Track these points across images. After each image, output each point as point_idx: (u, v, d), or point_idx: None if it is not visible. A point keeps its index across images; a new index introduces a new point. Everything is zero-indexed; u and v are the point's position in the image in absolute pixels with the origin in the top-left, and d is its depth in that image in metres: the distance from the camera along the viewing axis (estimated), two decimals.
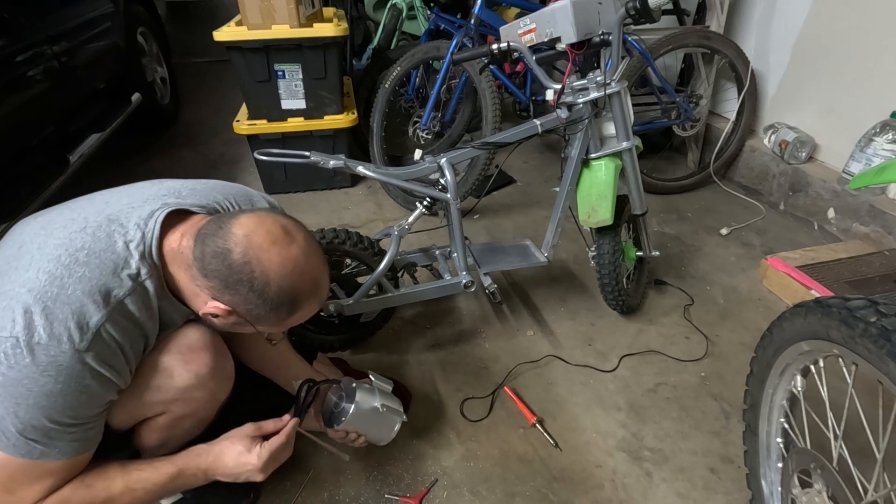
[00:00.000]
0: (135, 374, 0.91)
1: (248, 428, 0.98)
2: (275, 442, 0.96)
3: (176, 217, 0.88)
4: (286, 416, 1.02)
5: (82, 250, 0.80)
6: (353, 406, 1.10)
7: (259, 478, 0.95)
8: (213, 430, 1.07)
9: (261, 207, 1.02)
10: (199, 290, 0.85)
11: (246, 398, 1.14)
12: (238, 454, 0.94)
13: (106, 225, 0.84)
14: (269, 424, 1.00)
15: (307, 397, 1.09)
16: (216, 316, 0.86)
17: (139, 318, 0.83)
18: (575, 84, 1.40)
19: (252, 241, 0.81)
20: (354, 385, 1.14)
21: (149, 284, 0.84)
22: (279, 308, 0.84)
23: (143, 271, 0.83)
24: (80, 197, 0.93)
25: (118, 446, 1.01)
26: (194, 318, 0.99)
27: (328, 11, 2.60)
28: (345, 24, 2.20)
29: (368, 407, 1.12)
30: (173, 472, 0.91)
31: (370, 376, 1.21)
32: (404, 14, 2.99)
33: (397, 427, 1.18)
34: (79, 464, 0.84)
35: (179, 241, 0.86)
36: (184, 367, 0.93)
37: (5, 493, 0.80)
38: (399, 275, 1.57)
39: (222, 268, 0.80)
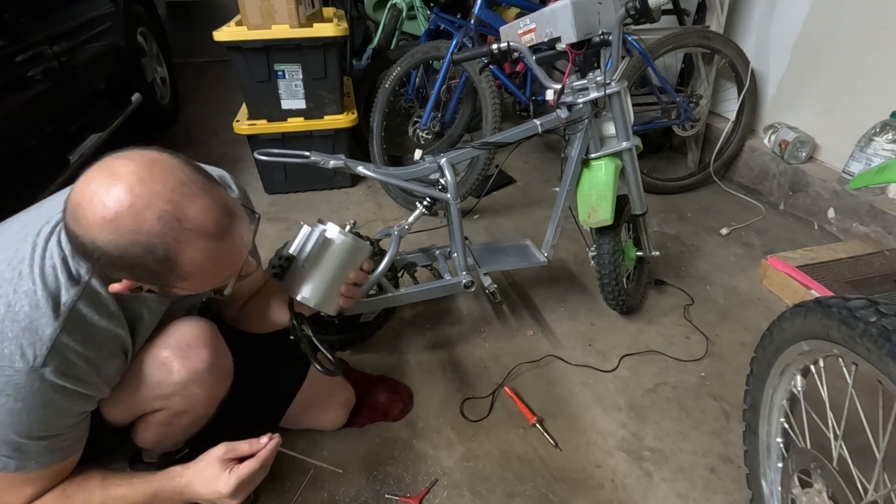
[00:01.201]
0: (132, 369, 0.90)
1: (220, 450, 0.88)
2: (245, 469, 0.86)
3: None
4: (263, 438, 0.90)
5: (23, 262, 0.75)
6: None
7: (232, 502, 0.87)
8: (211, 426, 1.08)
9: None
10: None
11: (244, 397, 1.13)
12: (207, 481, 0.86)
13: (46, 231, 0.78)
14: (243, 446, 0.89)
15: (301, 330, 1.00)
16: (136, 290, 0.76)
17: (97, 320, 0.79)
18: (575, 84, 1.40)
19: (72, 197, 0.69)
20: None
21: (95, 283, 0.78)
22: (143, 265, 0.70)
23: (83, 270, 0.78)
24: (41, 202, 0.88)
25: (118, 441, 1.01)
26: (191, 312, 0.98)
27: (328, 11, 2.60)
28: (345, 24, 2.20)
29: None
30: (149, 492, 0.88)
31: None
32: (404, 14, 2.99)
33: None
34: (61, 471, 0.83)
35: None
36: (181, 363, 0.92)
37: None
38: (399, 275, 1.57)
39: (68, 239, 0.72)
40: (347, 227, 1.03)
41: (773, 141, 2.38)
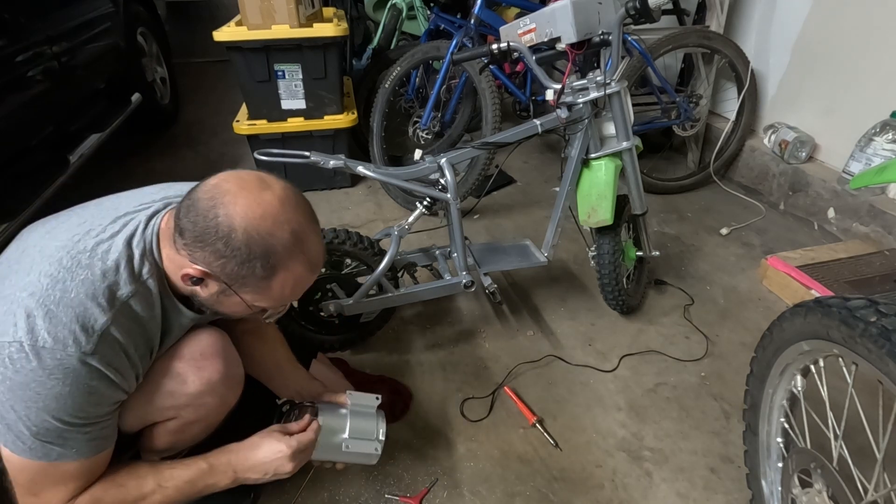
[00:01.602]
0: (147, 378, 0.91)
1: (275, 426, 0.99)
2: (304, 437, 0.97)
3: None
4: (307, 417, 1.02)
5: (84, 252, 0.79)
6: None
7: (288, 468, 0.94)
8: (218, 434, 1.08)
9: None
10: (180, 257, 0.81)
11: (252, 404, 1.13)
12: (270, 445, 0.94)
13: (110, 226, 0.83)
14: (293, 426, 1.00)
15: (287, 418, 1.06)
16: (197, 283, 0.81)
17: (143, 318, 0.83)
18: (575, 84, 1.40)
19: (220, 186, 0.77)
20: (320, 416, 1.05)
21: (151, 284, 0.83)
22: (252, 262, 0.77)
23: (145, 270, 0.82)
24: (89, 202, 0.93)
25: (123, 448, 1.01)
26: (203, 323, 0.99)
27: (328, 11, 2.60)
28: (345, 24, 2.20)
29: (330, 443, 1.05)
30: (204, 467, 0.91)
31: (348, 398, 1.10)
32: (404, 14, 2.99)
33: (373, 451, 1.08)
34: (98, 464, 0.84)
35: (167, 223, 0.85)
36: (196, 373, 0.93)
37: (31, 497, 0.80)
38: (399, 275, 1.57)
39: (192, 218, 0.77)
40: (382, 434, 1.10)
41: (773, 141, 2.38)
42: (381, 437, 1.09)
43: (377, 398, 1.12)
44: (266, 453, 0.94)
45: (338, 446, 1.05)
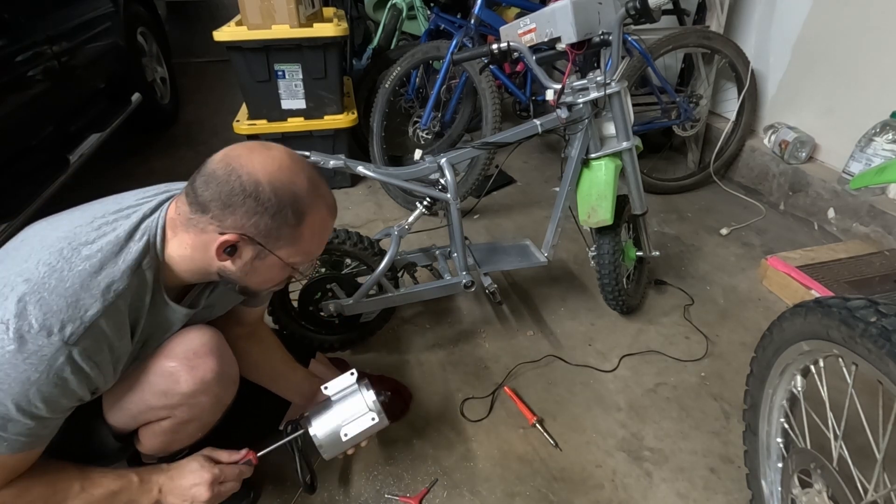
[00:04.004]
0: (139, 377, 0.90)
1: (204, 452, 1.00)
2: (228, 469, 0.98)
3: None
4: (243, 451, 1.02)
5: (86, 244, 0.79)
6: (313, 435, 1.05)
7: (204, 497, 0.94)
8: (216, 433, 1.08)
9: None
10: (206, 234, 0.81)
11: (247, 402, 1.14)
12: (192, 470, 0.95)
13: (112, 219, 0.83)
14: (222, 454, 1.01)
15: (294, 444, 1.07)
16: (232, 253, 0.82)
17: (133, 312, 0.83)
18: (575, 84, 1.40)
19: (230, 154, 0.81)
20: (311, 424, 1.06)
21: (148, 276, 0.83)
22: (283, 210, 0.80)
23: (145, 262, 0.82)
24: (93, 201, 0.92)
25: (121, 448, 1.01)
26: (196, 321, 0.98)
27: (328, 11, 2.60)
28: (345, 24, 2.20)
29: (334, 441, 1.06)
30: (135, 480, 0.91)
31: (325, 391, 1.10)
32: (404, 14, 2.99)
33: (371, 422, 1.07)
34: (22, 462, 0.81)
35: (175, 210, 0.85)
36: (189, 372, 0.91)
37: None
38: (399, 275, 1.57)
39: (213, 188, 0.79)
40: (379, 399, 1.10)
41: (773, 141, 2.38)
42: (372, 405, 1.08)
43: (352, 373, 1.11)
44: (188, 479, 0.95)
45: (340, 439, 1.06)
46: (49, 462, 0.85)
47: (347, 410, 1.07)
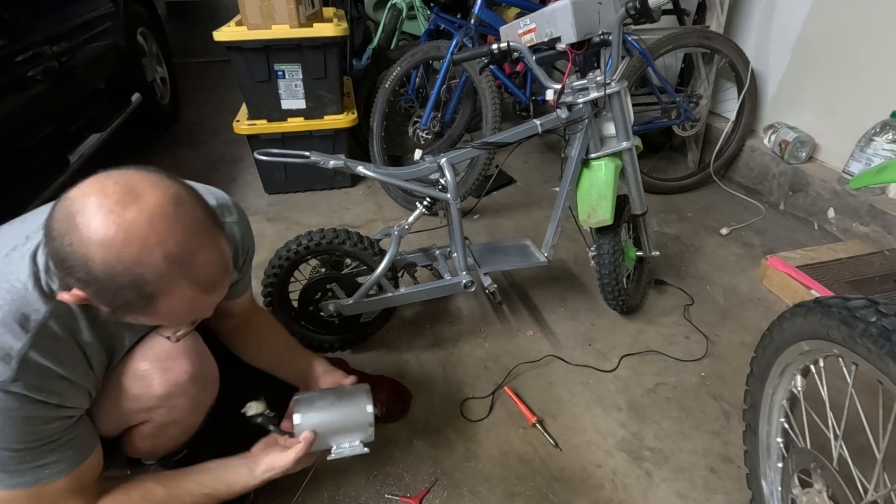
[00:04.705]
0: (113, 381, 0.88)
1: (274, 438, 1.00)
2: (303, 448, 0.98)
3: None
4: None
5: None
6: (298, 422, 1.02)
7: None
8: (202, 435, 1.07)
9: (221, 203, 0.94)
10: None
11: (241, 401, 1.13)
12: (273, 458, 0.97)
13: (21, 244, 0.74)
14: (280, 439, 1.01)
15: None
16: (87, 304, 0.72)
17: (70, 336, 0.76)
18: (575, 84, 1.40)
19: (74, 205, 0.63)
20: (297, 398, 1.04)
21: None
22: (121, 291, 0.65)
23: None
24: (25, 215, 0.85)
25: (108, 452, 1.01)
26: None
27: (328, 11, 2.59)
28: (345, 24, 2.20)
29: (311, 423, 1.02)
30: (215, 486, 0.93)
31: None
32: (404, 14, 2.99)
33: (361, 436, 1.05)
34: (86, 471, 0.81)
35: None
36: (161, 375, 0.89)
37: None
38: (399, 275, 1.57)
39: (49, 244, 0.65)
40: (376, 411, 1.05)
41: (773, 141, 2.38)
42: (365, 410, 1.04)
43: (380, 407, 1.07)
44: (277, 463, 0.97)
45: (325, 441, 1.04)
46: (129, 480, 0.87)
47: (339, 421, 1.03)
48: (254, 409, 0.98)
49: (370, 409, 1.03)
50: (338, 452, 1.03)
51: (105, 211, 0.62)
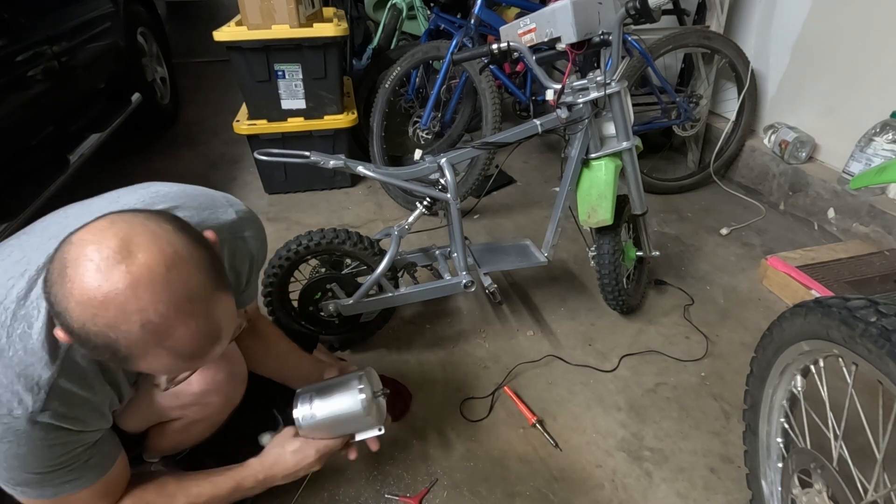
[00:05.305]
0: (152, 380, 0.88)
1: (290, 430, 1.01)
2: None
3: None
4: None
5: (20, 301, 0.70)
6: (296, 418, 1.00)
7: (317, 466, 0.99)
8: (222, 433, 1.08)
9: (225, 219, 0.89)
10: None
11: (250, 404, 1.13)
12: (294, 452, 0.97)
13: (45, 263, 0.72)
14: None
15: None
16: None
17: (92, 362, 0.75)
18: (575, 84, 1.40)
19: (67, 255, 0.61)
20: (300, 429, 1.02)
21: None
22: (98, 350, 0.62)
23: None
24: (45, 217, 0.83)
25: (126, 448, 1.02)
26: None
27: (328, 11, 2.60)
28: (345, 24, 2.20)
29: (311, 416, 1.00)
30: (232, 485, 0.92)
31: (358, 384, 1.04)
32: (404, 14, 2.99)
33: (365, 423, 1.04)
34: (116, 476, 0.82)
35: None
36: (200, 372, 0.92)
37: None
38: (399, 275, 1.57)
39: (44, 282, 0.63)
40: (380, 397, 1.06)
41: (773, 141, 2.38)
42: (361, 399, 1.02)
43: (386, 390, 1.08)
44: (295, 460, 0.97)
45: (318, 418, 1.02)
46: (144, 483, 0.87)
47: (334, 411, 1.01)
48: (266, 440, 1.02)
49: (362, 393, 1.00)
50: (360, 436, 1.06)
51: (93, 268, 0.59)
